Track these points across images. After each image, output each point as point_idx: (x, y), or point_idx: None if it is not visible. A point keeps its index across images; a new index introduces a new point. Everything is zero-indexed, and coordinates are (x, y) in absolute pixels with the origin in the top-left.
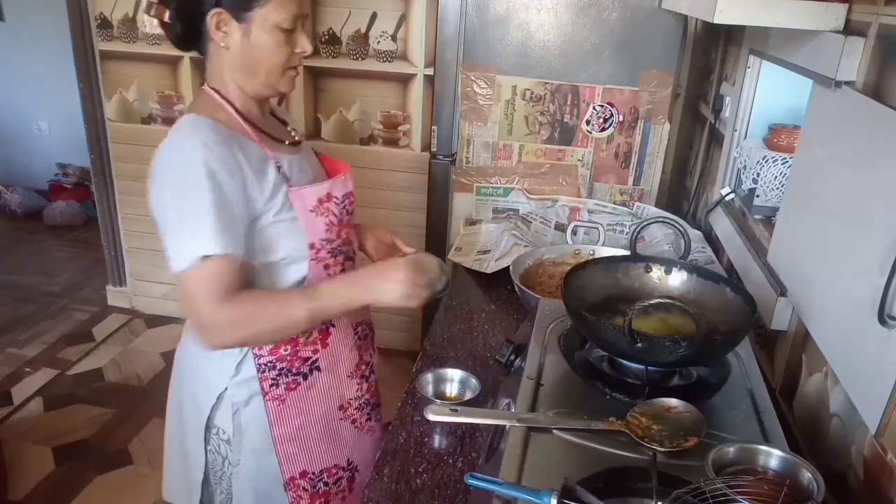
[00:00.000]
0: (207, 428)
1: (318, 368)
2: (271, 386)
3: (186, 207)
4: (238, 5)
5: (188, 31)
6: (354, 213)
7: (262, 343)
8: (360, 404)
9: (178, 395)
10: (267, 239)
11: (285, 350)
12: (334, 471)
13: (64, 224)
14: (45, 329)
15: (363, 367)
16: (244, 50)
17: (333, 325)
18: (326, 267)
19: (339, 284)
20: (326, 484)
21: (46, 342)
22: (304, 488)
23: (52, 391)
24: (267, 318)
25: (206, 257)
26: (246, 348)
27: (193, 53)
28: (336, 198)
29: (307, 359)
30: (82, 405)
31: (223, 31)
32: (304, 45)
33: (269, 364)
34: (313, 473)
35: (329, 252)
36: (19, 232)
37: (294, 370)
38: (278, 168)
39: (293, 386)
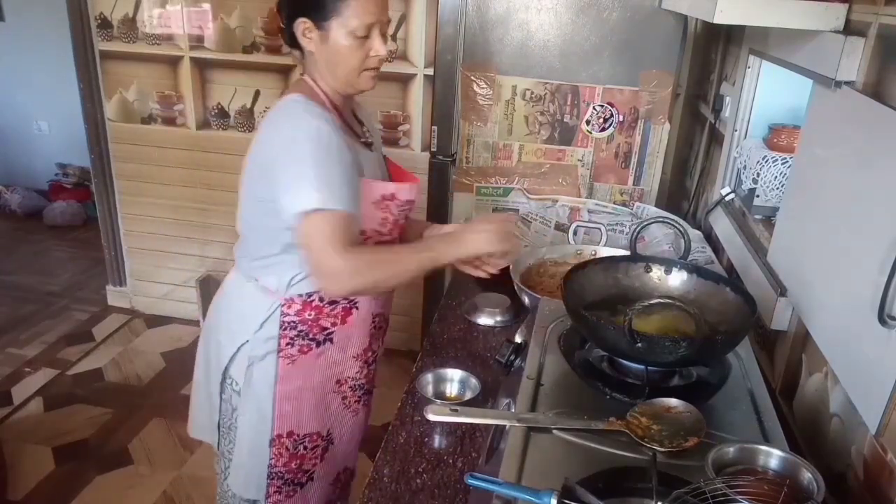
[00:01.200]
0: (223, 376)
1: (331, 341)
2: (287, 344)
3: (315, 167)
4: (318, 15)
5: (292, 35)
6: (408, 219)
7: (385, 289)
8: (355, 385)
9: (206, 340)
10: None
11: (309, 315)
12: (315, 437)
13: (64, 224)
14: (45, 329)
15: (369, 353)
16: (324, 53)
17: (357, 308)
18: None
19: (440, 240)
20: (306, 448)
21: (46, 342)
22: (286, 447)
23: (52, 391)
24: (387, 263)
25: (325, 209)
26: (276, 305)
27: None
28: (399, 200)
29: (325, 329)
30: (82, 405)
31: (307, 38)
32: (377, 49)
33: (291, 323)
34: (298, 435)
35: (376, 243)
36: (19, 232)
37: (311, 335)
38: (355, 158)
39: (306, 350)
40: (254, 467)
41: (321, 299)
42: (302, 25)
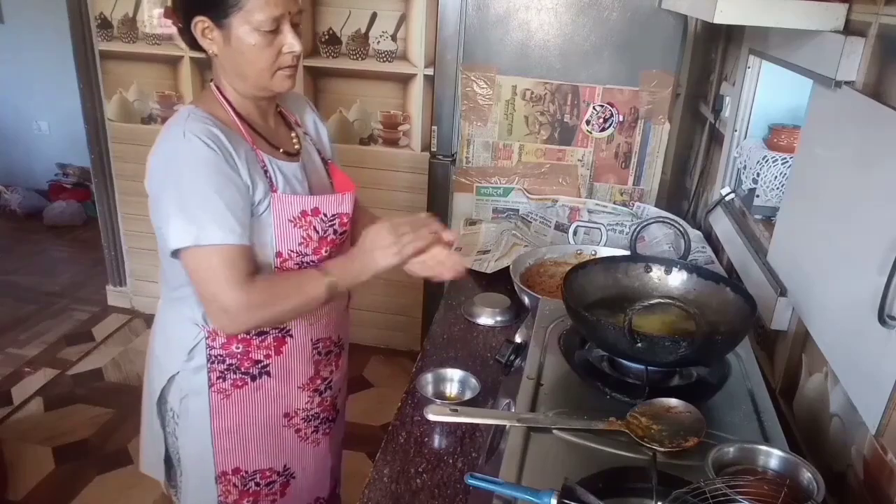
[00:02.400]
0: (160, 409)
1: (267, 374)
2: (218, 378)
3: (194, 198)
4: (216, 12)
5: (192, 37)
6: (347, 234)
7: (287, 320)
8: (308, 416)
9: (147, 369)
10: None
11: (237, 348)
12: (268, 473)
13: (64, 224)
14: (45, 329)
15: (318, 381)
16: (229, 55)
17: (291, 336)
18: None
19: (345, 262)
20: (258, 484)
21: (46, 342)
22: (234, 484)
23: (52, 391)
24: (286, 296)
25: (210, 245)
26: (200, 337)
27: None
28: (323, 214)
29: (258, 361)
30: (82, 405)
31: (209, 38)
32: (290, 44)
33: (218, 357)
34: (246, 472)
35: (297, 265)
36: (19, 232)
37: (242, 369)
38: (265, 171)
39: (240, 384)
40: (203, 501)
41: (246, 332)
42: (200, 25)
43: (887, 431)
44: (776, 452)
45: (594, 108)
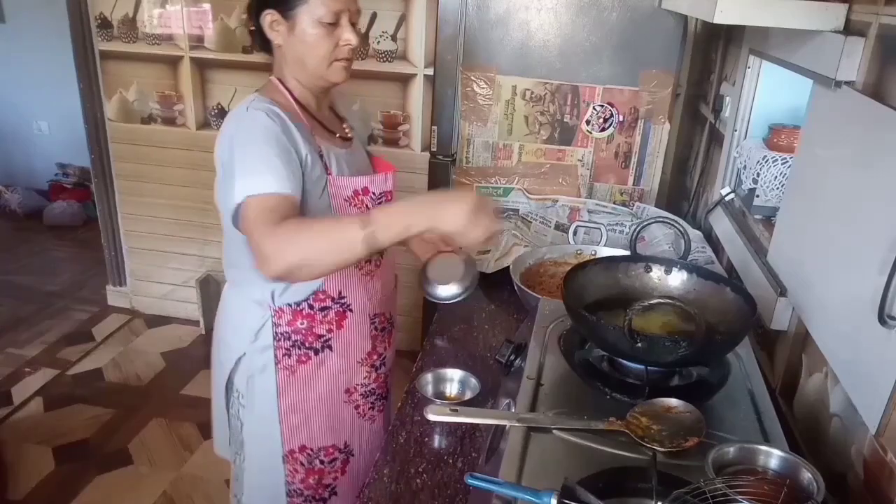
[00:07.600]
0: (228, 389)
1: (329, 348)
2: (284, 355)
3: (251, 155)
4: (283, 5)
5: (263, 36)
6: None
7: (321, 267)
8: (365, 392)
9: (215, 353)
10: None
11: (301, 324)
12: (331, 450)
13: (64, 224)
14: (45, 329)
15: (374, 356)
16: (291, 44)
17: (351, 310)
18: None
19: (396, 209)
20: (322, 462)
21: (46, 342)
22: (301, 462)
23: (52, 391)
24: (318, 233)
25: (261, 194)
26: (266, 317)
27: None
28: (372, 193)
29: (321, 336)
30: (82, 405)
31: (276, 31)
32: (346, 37)
33: (284, 334)
34: (311, 450)
35: None
36: (19, 232)
37: (307, 344)
38: (321, 156)
39: (304, 359)
40: (269, 485)
41: (311, 307)
42: (269, 17)
43: (887, 431)
44: (776, 452)
45: (594, 108)
